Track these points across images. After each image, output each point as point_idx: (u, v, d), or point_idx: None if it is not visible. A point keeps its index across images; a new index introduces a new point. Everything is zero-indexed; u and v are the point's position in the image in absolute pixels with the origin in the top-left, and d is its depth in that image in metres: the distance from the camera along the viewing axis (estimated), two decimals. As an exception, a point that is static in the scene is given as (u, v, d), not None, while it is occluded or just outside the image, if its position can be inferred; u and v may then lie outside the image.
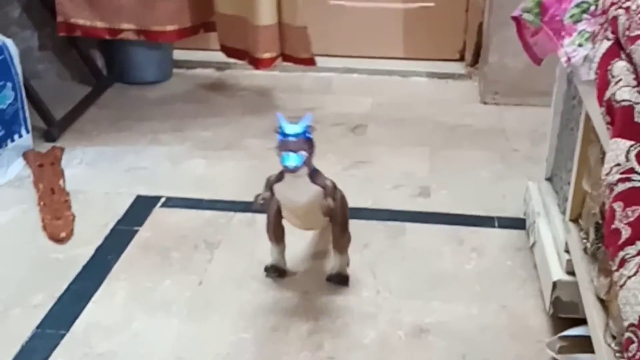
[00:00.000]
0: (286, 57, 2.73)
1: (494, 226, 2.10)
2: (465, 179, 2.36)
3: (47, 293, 1.81)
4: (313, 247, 1.99)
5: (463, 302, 1.78)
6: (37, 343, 1.65)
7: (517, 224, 2.07)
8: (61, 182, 2.29)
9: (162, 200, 2.22)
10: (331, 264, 1.86)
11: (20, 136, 2.41)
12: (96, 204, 2.21)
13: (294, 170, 1.59)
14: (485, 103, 2.88)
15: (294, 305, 1.77)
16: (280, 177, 1.67)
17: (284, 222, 1.81)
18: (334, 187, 1.71)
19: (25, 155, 2.41)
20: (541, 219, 1.86)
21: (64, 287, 1.83)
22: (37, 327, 1.70)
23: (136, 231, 2.07)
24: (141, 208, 2.19)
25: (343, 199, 1.77)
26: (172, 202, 2.22)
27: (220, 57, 2.90)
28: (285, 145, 1.59)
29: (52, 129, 2.58)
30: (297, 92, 3.01)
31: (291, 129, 1.60)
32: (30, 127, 2.46)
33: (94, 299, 1.80)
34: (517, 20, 1.74)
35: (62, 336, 1.67)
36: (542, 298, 1.76)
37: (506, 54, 2.76)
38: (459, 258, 1.95)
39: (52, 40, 2.96)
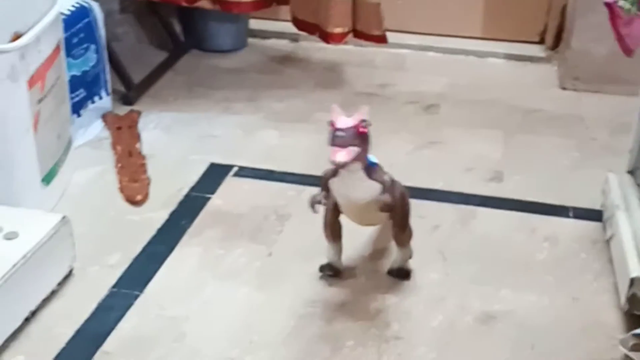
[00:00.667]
0: (357, 33, 2.71)
1: (568, 216, 2.05)
2: (540, 165, 2.31)
3: (123, 253, 1.86)
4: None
5: (534, 291, 1.75)
6: (113, 302, 1.71)
7: (593, 215, 2.02)
8: (138, 145, 2.34)
9: (235, 169, 2.25)
10: (392, 257, 1.81)
11: (101, 98, 2.47)
12: (171, 169, 2.25)
13: (341, 166, 1.53)
14: (564, 88, 2.81)
15: (362, 283, 1.78)
16: (335, 172, 1.60)
17: (342, 218, 1.73)
18: (393, 182, 1.64)
19: (104, 117, 2.47)
20: (621, 212, 1.82)
21: (139, 248, 1.88)
22: (113, 287, 1.75)
23: (209, 198, 2.10)
24: (214, 176, 2.22)
25: (403, 194, 1.69)
26: (244, 172, 2.24)
27: (294, 28, 2.89)
28: (334, 139, 1.51)
29: (130, 92, 2.63)
30: (370, 67, 2.98)
31: (343, 122, 1.52)
32: (110, 90, 2.51)
33: (167, 262, 1.84)
34: (610, 7, 1.68)
35: (136, 297, 1.72)
36: (617, 293, 1.72)
37: (590, 39, 2.67)
38: (530, 246, 1.92)
39: (133, 4, 3.01)
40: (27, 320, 1.61)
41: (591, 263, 1.86)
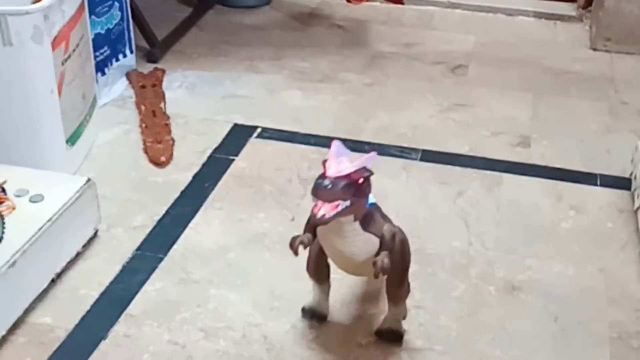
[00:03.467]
0: None
1: (595, 184, 2.02)
2: (569, 130, 2.27)
3: (147, 215, 1.87)
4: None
5: (559, 261, 1.74)
6: (137, 264, 1.72)
7: (621, 183, 1.99)
8: (162, 105, 2.33)
9: (258, 130, 2.24)
10: (384, 314, 1.53)
11: (125, 56, 2.46)
12: (194, 130, 2.24)
13: (322, 222, 1.28)
14: (595, 49, 2.74)
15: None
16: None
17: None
18: (393, 236, 1.36)
19: (128, 75, 2.46)
20: (650, 182, 1.78)
21: (163, 211, 1.89)
22: (137, 249, 1.76)
23: (232, 160, 2.10)
24: (237, 137, 2.21)
25: (404, 244, 1.41)
26: (268, 134, 2.23)
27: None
28: (316, 189, 1.25)
29: (154, 49, 2.61)
30: (397, 25, 2.93)
31: (336, 167, 1.26)
32: (134, 48, 2.49)
33: (190, 225, 1.85)
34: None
35: (160, 260, 1.73)
36: (643, 265, 1.70)
37: (624, -2, 2.59)
38: (556, 214, 1.90)
39: (156, -42, 2.96)
40: (53, 282, 1.64)
41: (618, 233, 1.83)
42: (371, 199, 1.38)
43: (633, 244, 1.79)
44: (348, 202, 1.26)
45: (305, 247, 1.38)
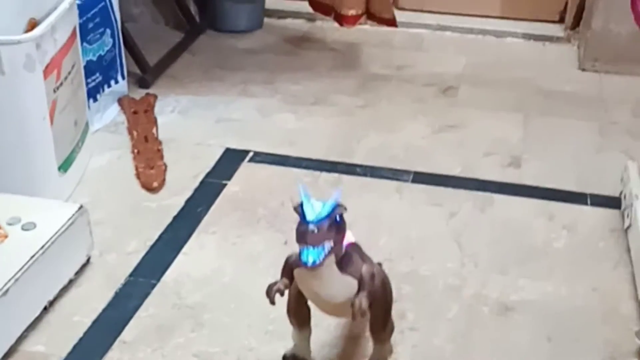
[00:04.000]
0: (370, 16, 2.73)
1: (586, 203, 2.03)
2: (559, 150, 2.28)
3: (140, 240, 1.87)
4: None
5: (552, 281, 1.74)
6: (131, 290, 1.72)
7: (612, 203, 2.00)
8: (154, 130, 2.34)
9: (250, 154, 2.24)
10: (369, 352, 1.51)
11: (117, 82, 2.47)
12: (187, 154, 2.25)
13: (313, 267, 1.26)
14: (583, 70, 2.77)
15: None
16: None
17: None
18: (372, 277, 1.34)
19: (120, 101, 2.47)
20: (639, 202, 1.79)
21: (156, 236, 1.89)
22: (130, 275, 1.76)
23: (225, 185, 2.10)
24: (230, 161, 2.22)
25: (385, 284, 1.41)
26: (260, 157, 2.24)
27: (310, 8, 2.87)
28: (304, 236, 1.24)
29: (146, 75, 2.63)
30: (387, 48, 2.95)
31: (313, 211, 1.25)
32: (126, 74, 2.51)
33: (184, 250, 1.85)
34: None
35: (154, 285, 1.73)
36: (634, 284, 1.71)
37: (611, 19, 2.62)
38: (548, 234, 1.91)
39: (148, -16, 2.99)
40: (46, 309, 1.63)
41: (609, 252, 1.84)
42: (350, 237, 1.36)
43: (625, 263, 1.79)
44: (332, 242, 1.26)
45: (282, 295, 1.35)
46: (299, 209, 1.26)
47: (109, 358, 1.53)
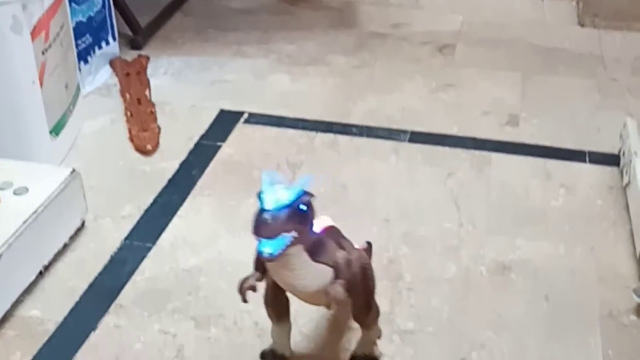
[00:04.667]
0: None
1: (584, 161, 2.01)
2: (558, 108, 2.26)
3: (135, 205, 1.86)
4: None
5: (549, 240, 1.73)
6: (126, 254, 1.71)
7: (611, 160, 1.99)
8: (147, 92, 2.30)
9: (245, 116, 2.22)
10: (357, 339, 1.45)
11: (108, 44, 2.43)
12: (181, 117, 2.22)
13: (269, 259, 1.18)
14: (582, 26, 2.72)
15: (375, 233, 1.76)
16: None
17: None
18: (348, 264, 1.27)
19: (112, 62, 2.43)
20: (638, 159, 1.78)
21: (151, 200, 1.87)
22: (126, 239, 1.75)
23: (219, 147, 2.08)
24: (225, 123, 2.19)
25: (364, 269, 1.32)
26: (255, 119, 2.21)
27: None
28: (258, 226, 1.13)
29: (138, 36, 2.58)
30: (383, 6, 2.90)
31: (274, 198, 1.14)
32: (117, 35, 2.47)
33: (179, 213, 1.83)
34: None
35: (149, 249, 1.72)
36: (633, 242, 1.70)
37: (611, -26, 2.58)
38: (546, 194, 1.89)
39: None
40: (41, 274, 1.62)
41: (607, 210, 1.83)
42: (326, 221, 1.30)
43: (623, 221, 1.78)
44: (294, 233, 1.16)
45: (255, 291, 1.29)
46: (260, 196, 1.16)
47: (105, 322, 1.53)
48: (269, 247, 1.15)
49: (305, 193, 1.18)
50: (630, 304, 1.55)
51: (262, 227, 1.14)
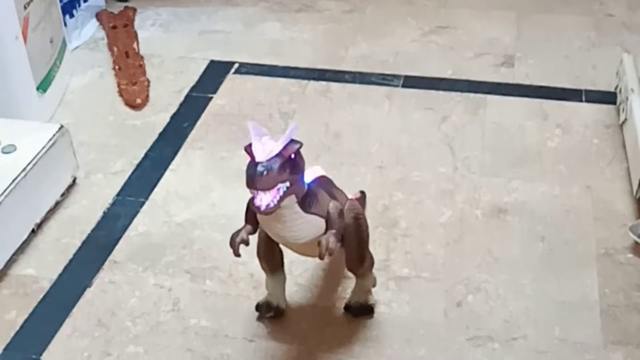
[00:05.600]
0: None
1: (581, 100, 1.98)
2: (553, 47, 2.21)
3: (126, 159, 1.84)
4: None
5: (545, 181, 1.72)
6: (119, 209, 1.70)
7: (607, 98, 1.95)
8: (135, 45, 2.27)
9: (236, 66, 2.18)
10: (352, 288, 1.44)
11: (93, -4, 2.38)
12: (170, 69, 2.18)
13: (268, 213, 1.15)
14: (579, -39, 2.65)
15: (369, 181, 1.75)
16: None
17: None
18: (340, 213, 1.25)
19: (98, 15, 2.39)
20: (635, 96, 1.75)
21: (142, 154, 1.86)
22: (118, 194, 1.73)
23: (210, 98, 2.05)
24: (215, 74, 2.15)
25: (358, 219, 1.30)
26: (246, 69, 2.17)
27: None
28: (254, 179, 1.11)
29: (124, -12, 2.53)
30: (375, -53, 2.82)
31: (264, 150, 1.12)
32: (102, -13, 2.41)
33: (171, 167, 1.82)
34: None
35: (142, 204, 1.71)
36: (630, 180, 1.68)
37: None
38: (542, 134, 1.87)
39: None
40: (34, 232, 1.61)
41: (604, 149, 1.81)
42: (318, 171, 1.29)
43: (619, 159, 1.76)
44: (287, 183, 1.14)
45: (247, 245, 1.26)
46: (249, 149, 1.13)
47: (100, 278, 1.53)
48: (265, 200, 1.13)
49: (293, 141, 1.16)
50: (627, 242, 1.54)
51: (257, 179, 1.11)
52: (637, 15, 2.24)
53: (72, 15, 2.26)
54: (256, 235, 1.31)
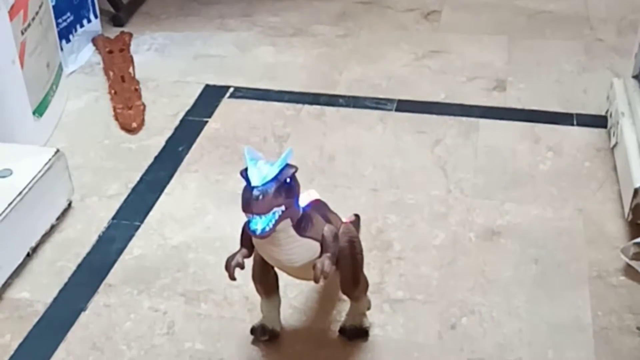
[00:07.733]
0: None
1: (572, 124, 2.01)
2: (545, 71, 2.24)
3: (122, 183, 1.85)
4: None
5: (537, 204, 1.73)
6: (114, 233, 1.70)
7: (598, 121, 1.98)
8: (131, 69, 2.28)
9: (231, 90, 2.20)
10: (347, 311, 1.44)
11: (89, 21, 2.40)
12: (165, 93, 2.20)
13: (262, 236, 1.16)
14: (568, -14, 2.69)
15: (363, 203, 1.76)
16: None
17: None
18: (335, 237, 1.26)
19: (94, 40, 2.41)
20: (625, 119, 1.77)
21: (137, 177, 1.87)
22: (113, 218, 1.74)
23: (206, 122, 2.07)
24: (210, 98, 2.17)
25: (352, 243, 1.31)
26: (241, 93, 2.19)
27: None
28: (250, 204, 1.12)
29: (120, 13, 2.56)
30: (368, -27, 2.86)
31: (259, 174, 1.13)
32: (98, 12, 2.44)
33: (166, 190, 1.83)
34: None
35: (137, 227, 1.71)
36: (621, 202, 1.70)
37: None
38: (534, 157, 1.89)
39: None
40: (29, 256, 1.62)
41: (595, 171, 1.83)
42: (313, 195, 1.30)
43: (611, 182, 1.78)
44: (283, 207, 1.15)
45: (242, 268, 1.26)
46: (244, 174, 1.14)
47: (95, 302, 1.53)
48: (260, 224, 1.14)
49: (289, 166, 1.17)
50: (619, 264, 1.55)
51: (253, 204, 1.12)
52: (626, 39, 2.27)
53: (68, 40, 2.28)
54: (251, 258, 1.32)
